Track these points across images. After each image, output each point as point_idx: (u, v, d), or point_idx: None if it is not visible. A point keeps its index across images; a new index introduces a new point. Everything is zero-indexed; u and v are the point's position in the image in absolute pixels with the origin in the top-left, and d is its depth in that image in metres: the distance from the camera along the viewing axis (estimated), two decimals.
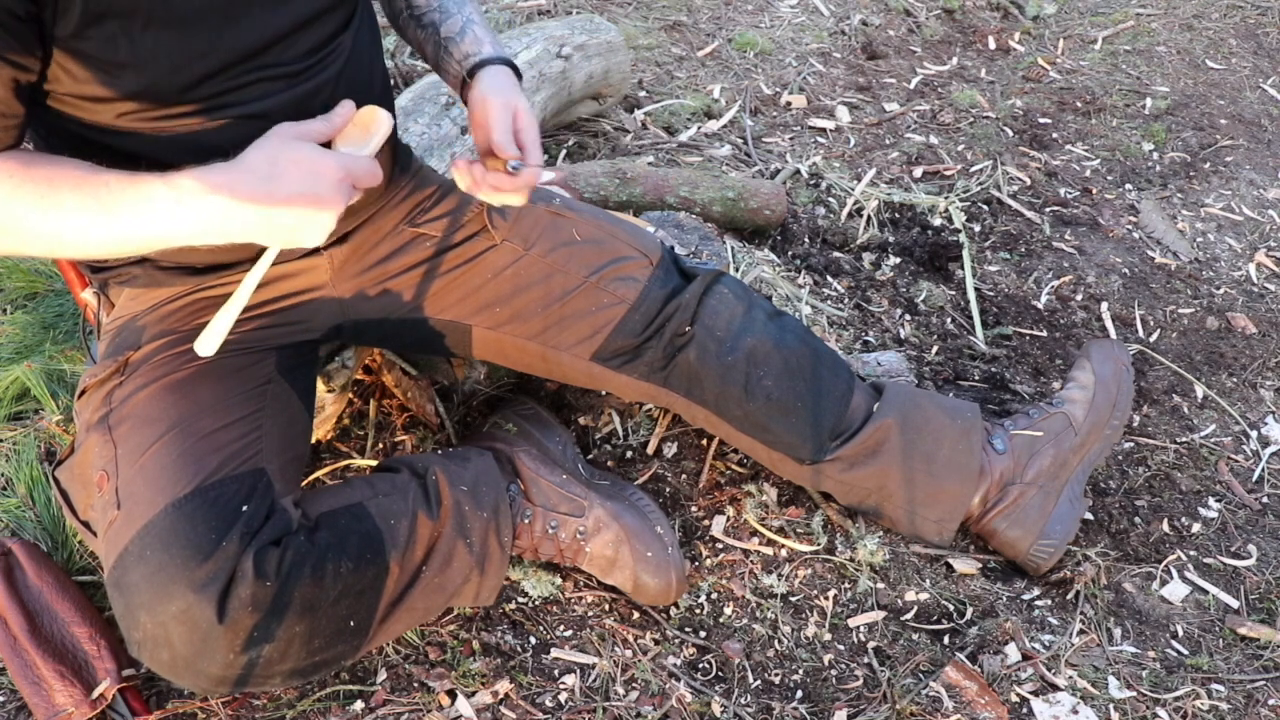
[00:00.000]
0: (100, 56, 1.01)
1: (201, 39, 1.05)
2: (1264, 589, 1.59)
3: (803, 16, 3.14)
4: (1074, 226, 2.38)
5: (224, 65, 1.08)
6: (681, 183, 2.07)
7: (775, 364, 1.42)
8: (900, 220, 2.33)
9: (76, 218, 1.00)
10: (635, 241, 1.45)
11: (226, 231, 1.02)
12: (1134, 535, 1.66)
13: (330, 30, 1.18)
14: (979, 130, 2.68)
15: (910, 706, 1.35)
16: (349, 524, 1.21)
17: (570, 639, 1.44)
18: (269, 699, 1.31)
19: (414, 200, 1.41)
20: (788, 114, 2.69)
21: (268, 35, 1.10)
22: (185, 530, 1.08)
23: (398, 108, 1.94)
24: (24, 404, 1.63)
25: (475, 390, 1.74)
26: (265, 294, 1.29)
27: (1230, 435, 1.87)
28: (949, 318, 2.10)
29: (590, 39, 2.31)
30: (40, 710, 1.24)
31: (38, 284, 1.86)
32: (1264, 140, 2.72)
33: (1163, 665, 1.46)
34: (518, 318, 1.40)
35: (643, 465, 1.67)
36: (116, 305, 1.31)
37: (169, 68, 1.05)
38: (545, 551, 1.45)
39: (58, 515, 1.46)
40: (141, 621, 1.07)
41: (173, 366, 1.21)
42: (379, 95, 1.29)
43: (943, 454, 1.49)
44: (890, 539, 1.59)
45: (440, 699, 1.32)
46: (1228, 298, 2.20)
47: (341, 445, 1.64)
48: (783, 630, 1.47)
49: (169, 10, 1.01)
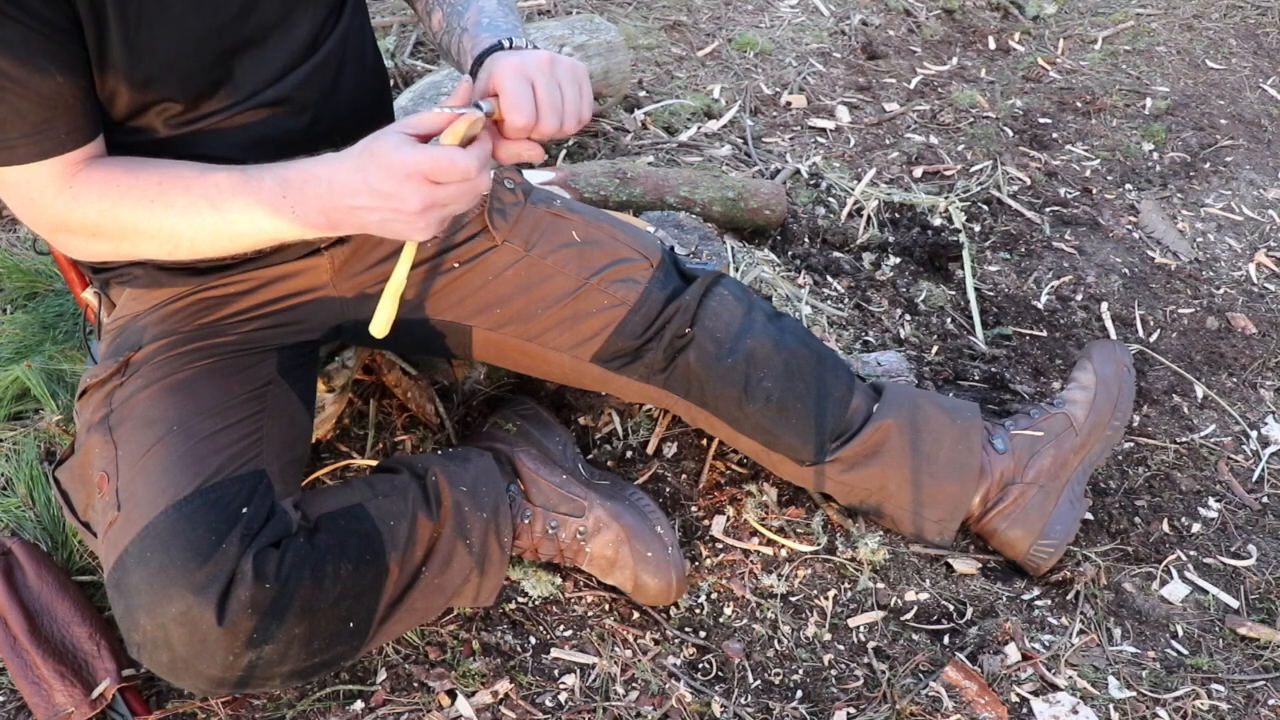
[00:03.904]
0: (97, 52, 1.02)
1: (194, 28, 1.06)
2: (1264, 589, 1.59)
3: (803, 16, 3.13)
4: (1074, 226, 2.38)
5: (222, 52, 1.09)
6: (681, 183, 2.07)
7: (775, 365, 1.42)
8: (900, 220, 2.32)
9: (188, 218, 1.04)
10: (635, 243, 1.45)
11: (332, 224, 1.04)
12: (1134, 535, 1.66)
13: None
14: (979, 130, 2.68)
15: (910, 706, 1.35)
16: (349, 525, 1.21)
17: (570, 639, 1.44)
18: (269, 699, 1.31)
19: None
20: (788, 114, 2.69)
21: (268, 20, 1.12)
22: (185, 532, 1.08)
23: (397, 108, 1.94)
24: (24, 404, 1.63)
25: (475, 390, 1.74)
26: (266, 294, 1.29)
27: (1230, 435, 1.87)
28: (949, 318, 2.10)
29: (590, 39, 2.31)
30: (40, 710, 1.24)
31: (38, 284, 1.86)
32: (1264, 140, 2.72)
33: (1163, 665, 1.46)
34: (518, 319, 1.40)
35: (643, 465, 1.67)
36: (117, 305, 1.31)
37: (167, 59, 1.05)
38: (545, 551, 1.45)
39: (58, 515, 1.46)
40: (141, 623, 1.07)
41: (174, 367, 1.21)
42: (372, 61, 1.30)
43: (943, 454, 1.49)
44: (890, 539, 1.59)
45: (440, 699, 1.32)
46: (1228, 298, 2.20)
47: (341, 445, 1.64)
48: (783, 630, 1.47)
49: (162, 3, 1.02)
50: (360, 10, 1.29)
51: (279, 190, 1.02)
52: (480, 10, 1.27)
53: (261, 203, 1.03)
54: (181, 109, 1.10)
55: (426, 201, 0.98)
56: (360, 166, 1.00)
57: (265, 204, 1.03)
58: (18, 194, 1.05)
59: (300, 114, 1.19)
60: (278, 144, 1.16)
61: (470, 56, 1.21)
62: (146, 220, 1.05)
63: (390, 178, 0.98)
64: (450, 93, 1.08)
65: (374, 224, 1.02)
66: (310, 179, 1.02)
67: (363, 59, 1.28)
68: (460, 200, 1.01)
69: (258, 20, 1.11)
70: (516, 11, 1.30)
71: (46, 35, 0.97)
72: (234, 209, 1.04)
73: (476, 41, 1.22)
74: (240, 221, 1.05)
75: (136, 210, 1.05)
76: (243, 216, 1.04)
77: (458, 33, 1.27)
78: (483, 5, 1.27)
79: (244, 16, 1.10)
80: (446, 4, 1.31)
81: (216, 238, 1.07)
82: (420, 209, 0.98)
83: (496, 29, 1.22)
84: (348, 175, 1.00)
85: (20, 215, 1.10)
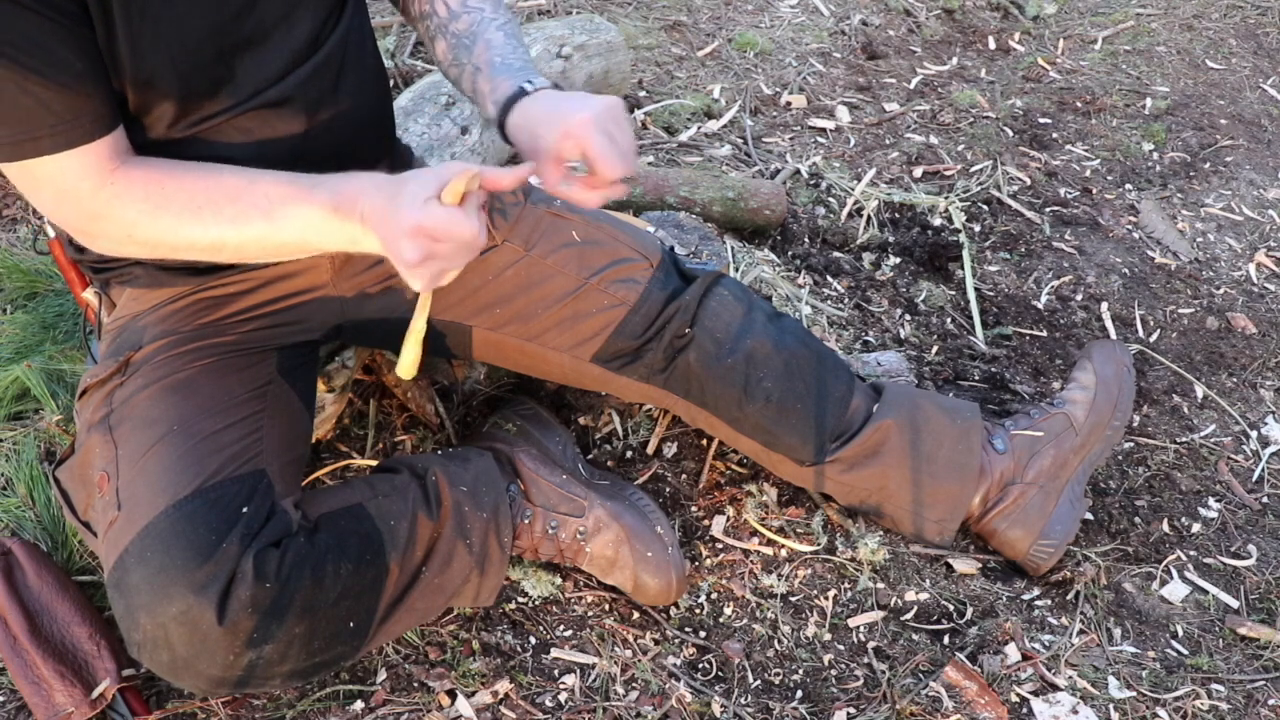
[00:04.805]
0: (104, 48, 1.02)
1: (195, 26, 1.06)
2: (1264, 589, 1.59)
3: (803, 16, 3.13)
4: (1074, 226, 2.38)
5: (223, 51, 1.09)
6: (681, 183, 2.07)
7: (775, 366, 1.42)
8: (900, 220, 2.33)
9: (239, 226, 1.06)
10: (635, 243, 1.45)
11: (371, 243, 1.05)
12: (1134, 535, 1.66)
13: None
14: (979, 130, 2.68)
15: (910, 706, 1.35)
16: (349, 525, 1.21)
17: (570, 639, 1.44)
18: (269, 699, 1.31)
19: None
20: (788, 114, 2.69)
21: (268, 20, 1.12)
22: (186, 532, 1.08)
23: (397, 108, 1.94)
24: (24, 404, 1.63)
25: (475, 390, 1.74)
26: (266, 294, 1.30)
27: (1230, 435, 1.87)
28: (949, 318, 2.10)
29: (590, 39, 2.31)
30: (40, 710, 1.24)
31: (38, 284, 1.86)
32: (1264, 140, 2.72)
33: (1163, 665, 1.46)
34: (518, 319, 1.40)
35: (643, 465, 1.67)
36: (118, 305, 1.31)
37: (168, 57, 1.05)
38: (545, 551, 1.45)
39: (58, 515, 1.46)
40: (141, 623, 1.07)
41: (174, 367, 1.21)
42: (372, 61, 1.31)
43: (943, 454, 1.49)
44: (890, 539, 1.59)
45: (440, 699, 1.32)
46: (1228, 298, 2.20)
47: (341, 445, 1.64)
48: (783, 630, 1.47)
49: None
50: (360, 10, 1.29)
51: (332, 202, 1.04)
52: (489, 46, 1.27)
53: (315, 213, 1.05)
54: (182, 108, 1.10)
55: (424, 255, 1.00)
56: (383, 205, 1.02)
57: (318, 215, 1.05)
58: (50, 187, 1.05)
59: (301, 114, 1.19)
60: (278, 144, 1.16)
61: (489, 101, 1.24)
62: (191, 226, 1.06)
63: (395, 229, 1.00)
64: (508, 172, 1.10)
65: (388, 258, 1.05)
66: (361, 193, 1.04)
67: (363, 59, 1.28)
68: (456, 259, 1.03)
69: (259, 20, 1.11)
70: (522, 39, 1.31)
71: (67, 26, 0.97)
72: (286, 219, 1.06)
73: (494, 85, 1.24)
74: (290, 231, 1.06)
75: (182, 215, 1.06)
76: (294, 226, 1.06)
77: (470, 70, 1.28)
78: (490, 39, 1.28)
79: (245, 16, 1.10)
80: (451, 35, 1.30)
81: (263, 247, 1.09)
82: (416, 261, 1.00)
83: (510, 69, 1.24)
84: (376, 208, 1.02)
85: (50, 211, 1.09)
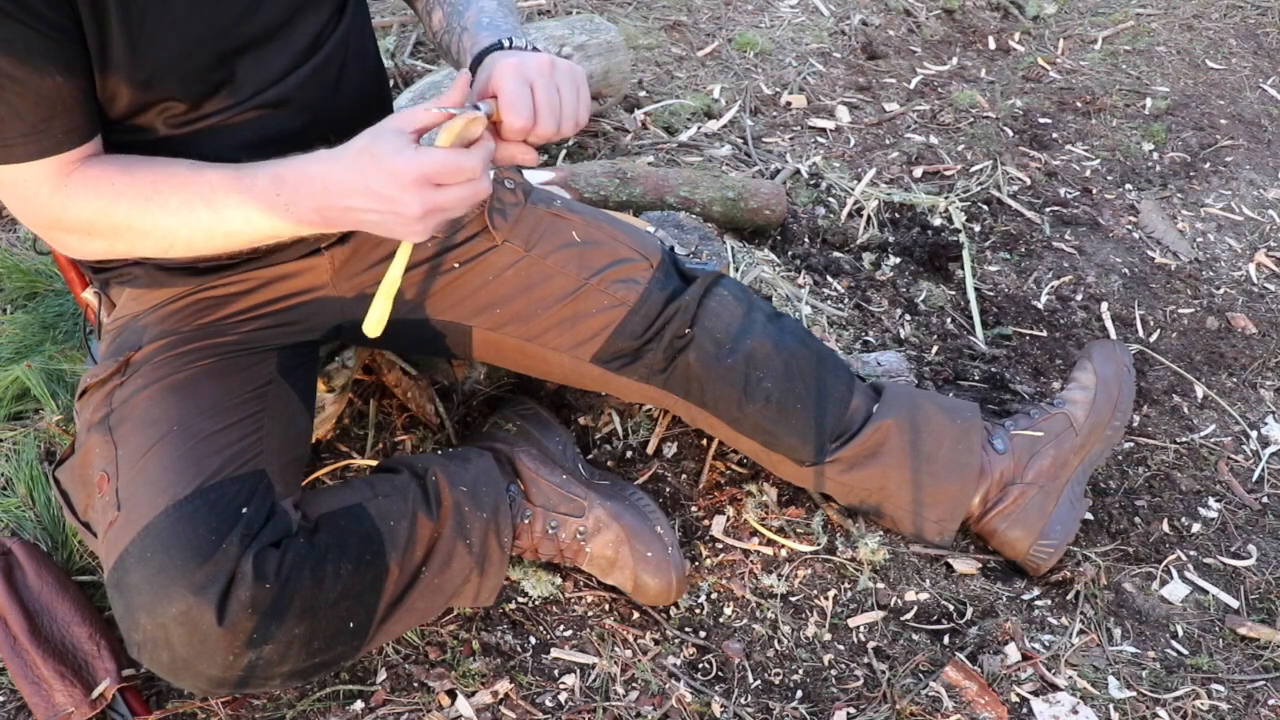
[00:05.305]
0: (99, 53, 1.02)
1: (196, 29, 1.06)
2: (1264, 589, 1.59)
3: (803, 16, 3.13)
4: (1074, 226, 2.38)
5: (224, 53, 1.09)
6: (681, 183, 2.07)
7: (775, 366, 1.42)
8: (900, 220, 2.33)
9: (183, 216, 1.04)
10: (635, 243, 1.45)
11: (327, 222, 1.04)
12: (1134, 535, 1.66)
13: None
14: (979, 130, 2.68)
15: (910, 706, 1.35)
16: (349, 525, 1.21)
17: (570, 639, 1.44)
18: (269, 699, 1.31)
19: None
20: (788, 114, 2.69)
21: (271, 22, 1.12)
22: (185, 532, 1.08)
23: (397, 108, 1.94)
24: (24, 404, 1.63)
25: (475, 390, 1.74)
26: (266, 294, 1.29)
27: (1230, 435, 1.87)
28: (949, 318, 2.10)
29: (590, 39, 2.31)
30: (40, 710, 1.24)
31: (38, 284, 1.86)
32: (1264, 140, 2.72)
33: (1163, 665, 1.46)
34: (518, 319, 1.40)
35: (643, 465, 1.67)
36: (117, 305, 1.31)
37: (168, 60, 1.05)
38: (545, 551, 1.45)
39: (58, 515, 1.46)
40: (141, 623, 1.07)
41: (174, 367, 1.21)
42: (372, 61, 1.30)
43: (943, 454, 1.49)
44: (890, 539, 1.59)
45: (440, 699, 1.32)
46: (1228, 298, 2.20)
47: (341, 445, 1.64)
48: (783, 630, 1.47)
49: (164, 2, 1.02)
50: (361, 11, 1.29)
51: (272, 188, 1.02)
52: (480, 10, 1.27)
53: (255, 200, 1.03)
54: (183, 109, 1.10)
55: (427, 206, 0.98)
56: (358, 167, 0.99)
57: (259, 202, 1.03)
58: (13, 192, 1.05)
59: (301, 114, 1.19)
60: (278, 144, 1.16)
61: (469, 55, 1.21)
62: (141, 218, 1.05)
63: (392, 182, 0.97)
64: (447, 90, 1.07)
65: (370, 223, 1.02)
66: (305, 177, 1.02)
67: (363, 59, 1.28)
68: (461, 204, 1.01)
69: (260, 21, 1.11)
70: (516, 12, 1.30)
71: (47, 35, 0.97)
72: (228, 207, 1.04)
73: (476, 40, 1.22)
74: (234, 219, 1.05)
75: (131, 209, 1.05)
76: (237, 214, 1.04)
77: (457, 32, 1.27)
78: (483, 5, 1.27)
79: (246, 18, 1.10)
80: (447, 4, 1.31)
81: (211, 236, 1.07)
82: (420, 213, 0.98)
83: (496, 28, 1.22)
84: (345, 175, 1.00)
85: (16, 213, 1.10)
